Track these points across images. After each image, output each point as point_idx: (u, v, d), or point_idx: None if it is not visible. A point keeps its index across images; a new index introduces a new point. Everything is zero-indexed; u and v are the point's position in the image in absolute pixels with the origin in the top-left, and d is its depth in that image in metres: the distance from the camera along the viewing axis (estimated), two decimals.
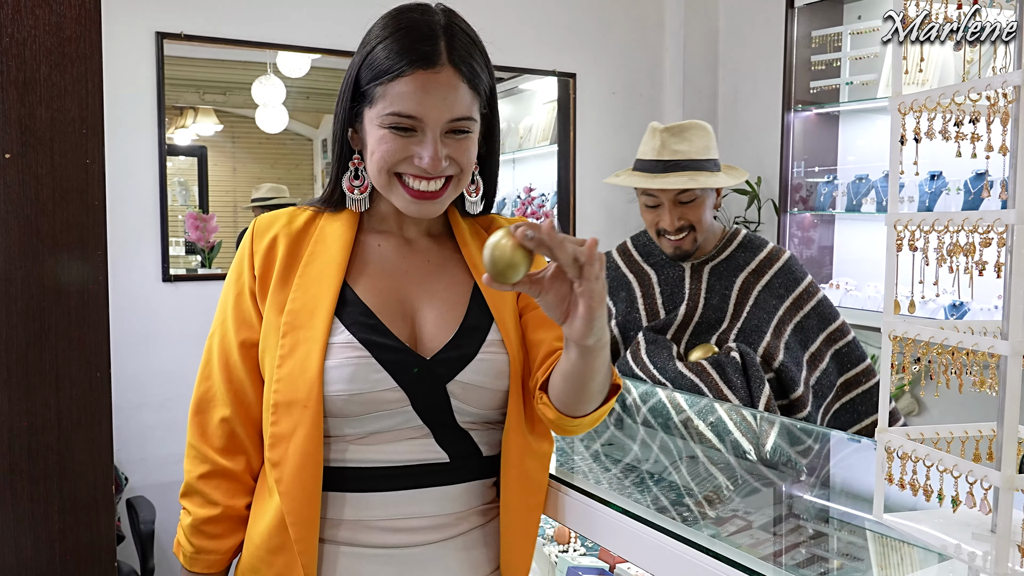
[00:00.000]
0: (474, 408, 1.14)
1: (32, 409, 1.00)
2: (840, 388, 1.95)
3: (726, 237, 2.03)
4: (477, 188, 1.21)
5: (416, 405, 1.11)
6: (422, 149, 1.09)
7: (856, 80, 3.45)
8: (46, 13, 0.94)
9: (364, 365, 1.09)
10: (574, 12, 3.93)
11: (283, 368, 1.11)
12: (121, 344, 2.40)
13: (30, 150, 0.96)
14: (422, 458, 1.13)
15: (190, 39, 3.13)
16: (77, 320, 1.01)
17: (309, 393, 1.08)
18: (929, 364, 0.97)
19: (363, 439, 1.12)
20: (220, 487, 1.17)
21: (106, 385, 1.01)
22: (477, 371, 1.13)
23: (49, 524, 1.00)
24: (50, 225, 0.98)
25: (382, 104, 1.09)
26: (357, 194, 1.19)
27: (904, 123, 0.99)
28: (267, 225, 1.19)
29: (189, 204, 3.45)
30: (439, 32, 1.09)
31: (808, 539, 1.12)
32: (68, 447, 1.01)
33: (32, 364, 0.99)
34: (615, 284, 2.09)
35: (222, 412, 1.17)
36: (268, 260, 1.16)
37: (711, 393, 1.83)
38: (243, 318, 1.17)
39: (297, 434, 1.09)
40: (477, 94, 1.12)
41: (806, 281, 1.97)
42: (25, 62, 0.94)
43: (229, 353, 1.17)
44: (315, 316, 1.11)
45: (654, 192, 1.95)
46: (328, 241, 1.18)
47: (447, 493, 1.15)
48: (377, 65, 1.09)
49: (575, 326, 0.95)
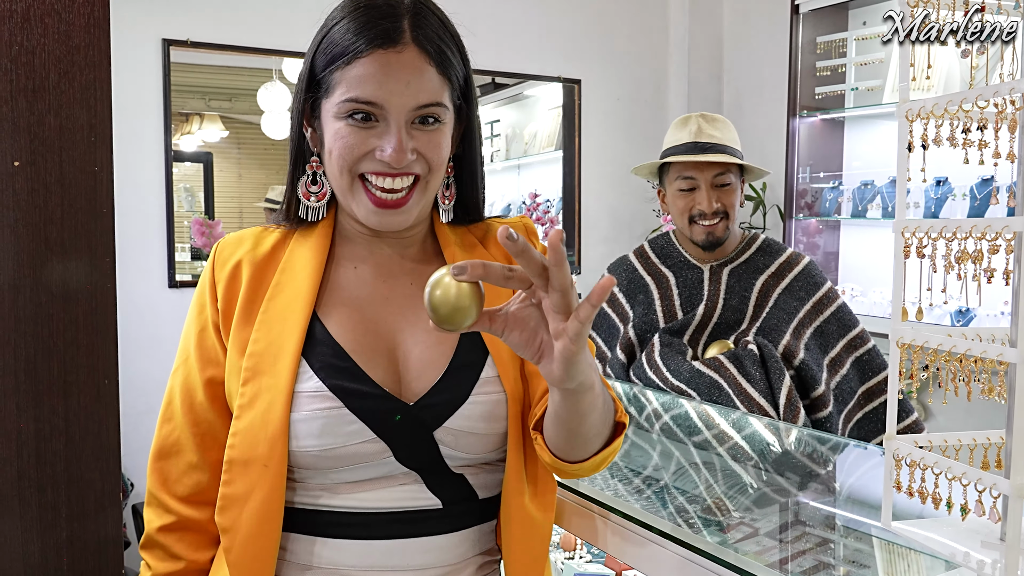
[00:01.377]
0: (466, 454, 0.99)
1: (40, 416, 1.00)
2: (862, 396, 1.94)
3: (745, 240, 2.04)
4: (451, 195, 1.06)
5: (399, 455, 0.96)
6: (384, 141, 0.94)
7: (861, 86, 3.45)
8: (55, 22, 0.95)
9: (335, 417, 0.94)
10: (579, 19, 3.94)
11: (241, 420, 0.96)
12: (127, 350, 2.41)
13: (39, 158, 0.96)
14: (410, 504, 0.98)
15: (196, 46, 3.14)
16: (85, 327, 1.01)
17: (271, 451, 0.94)
18: (937, 371, 0.97)
19: (339, 488, 0.98)
20: (183, 539, 1.04)
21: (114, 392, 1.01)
22: (468, 416, 0.98)
23: (56, 531, 1.01)
24: (58, 232, 0.99)
25: (339, 91, 0.94)
26: (314, 201, 1.04)
27: (912, 130, 0.99)
28: (230, 251, 1.05)
29: (195, 210, 3.46)
30: (403, 10, 0.95)
31: (815, 546, 1.11)
32: (76, 454, 1.02)
33: (40, 371, 0.99)
34: (632, 287, 2.09)
35: (188, 458, 1.04)
36: (231, 291, 1.02)
37: (730, 388, 1.82)
38: (208, 356, 1.03)
39: (253, 498, 0.95)
40: (447, 80, 0.97)
41: (826, 286, 1.98)
42: (34, 70, 0.95)
43: (194, 393, 1.03)
44: (279, 360, 0.96)
45: (691, 174, 1.95)
46: (296, 268, 1.02)
47: (440, 542, 0.99)
48: (332, 48, 0.96)
49: (551, 368, 0.79)
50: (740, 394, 1.81)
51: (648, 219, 4.01)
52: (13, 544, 0.97)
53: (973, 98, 0.90)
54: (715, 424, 1.73)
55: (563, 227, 4.07)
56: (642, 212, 4.02)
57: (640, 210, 4.03)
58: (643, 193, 3.82)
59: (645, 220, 4.04)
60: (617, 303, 2.10)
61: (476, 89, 1.06)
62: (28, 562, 0.97)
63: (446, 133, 0.99)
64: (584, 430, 0.92)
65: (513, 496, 1.00)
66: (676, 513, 1.20)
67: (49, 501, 0.98)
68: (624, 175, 3.92)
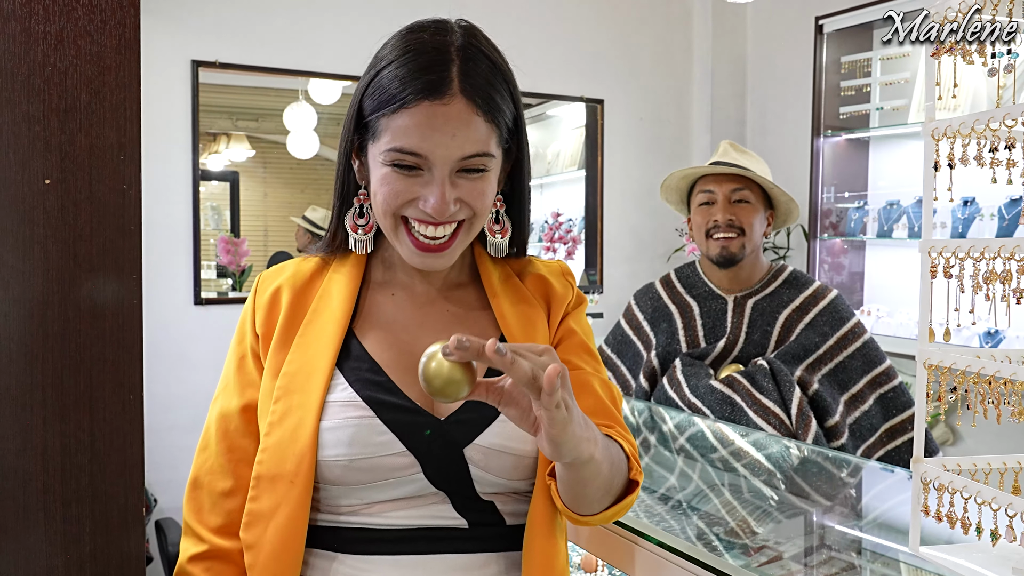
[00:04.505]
0: (496, 477, 0.97)
1: (66, 430, 1.01)
2: (884, 434, 1.92)
3: (772, 272, 2.03)
4: (504, 229, 1.06)
5: (428, 472, 0.95)
6: (428, 191, 0.94)
7: (887, 105, 3.43)
8: (87, 43, 0.97)
9: (366, 426, 0.95)
10: (602, 38, 3.95)
11: (271, 437, 0.97)
12: (153, 366, 2.43)
13: (69, 176, 0.98)
14: (435, 523, 0.97)
15: (224, 67, 3.19)
16: (112, 343, 1.02)
17: (298, 466, 0.94)
18: (966, 393, 0.95)
19: (364, 509, 0.97)
20: (212, 569, 1.02)
21: (139, 407, 1.02)
22: (499, 433, 0.96)
23: (80, 546, 1.01)
24: (87, 249, 1.00)
25: (385, 138, 0.94)
26: (361, 234, 1.04)
27: (938, 149, 0.98)
28: (270, 280, 1.07)
29: (221, 228, 3.50)
30: (452, 56, 0.94)
31: (841, 571, 1.09)
32: (100, 469, 1.02)
33: (67, 386, 1.00)
34: (657, 315, 2.09)
35: (220, 486, 1.02)
36: (271, 316, 1.04)
37: (743, 401, 1.81)
38: (247, 380, 1.04)
39: (279, 514, 0.95)
40: (495, 126, 0.96)
41: (852, 321, 1.96)
42: (66, 90, 0.97)
43: (229, 419, 1.03)
44: (312, 377, 0.98)
45: (710, 187, 1.98)
46: (332, 294, 1.04)
47: (464, 562, 0.97)
48: (380, 93, 0.95)
49: (543, 445, 0.81)
50: (753, 404, 1.80)
51: (670, 239, 4.00)
52: (38, 558, 0.98)
53: (1001, 117, 0.90)
54: (734, 444, 1.71)
55: (585, 246, 4.07)
56: (664, 232, 4.01)
57: (662, 230, 4.02)
58: (665, 213, 3.81)
59: (667, 240, 4.03)
60: (641, 330, 2.10)
61: (526, 128, 1.05)
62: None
63: (491, 179, 0.99)
64: (588, 493, 0.92)
65: (538, 525, 0.98)
66: (700, 536, 1.18)
67: (74, 515, 0.99)
68: (646, 195, 3.92)
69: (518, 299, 1.07)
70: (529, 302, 1.07)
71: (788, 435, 1.78)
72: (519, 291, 1.08)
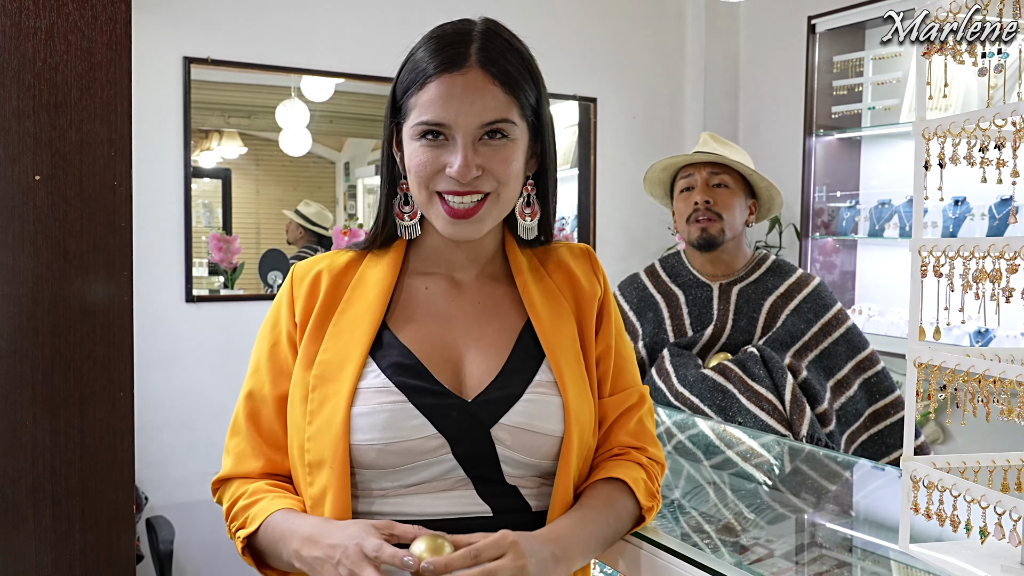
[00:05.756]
0: (523, 456, 1.02)
1: (56, 427, 1.00)
2: (868, 419, 1.93)
3: (755, 260, 2.06)
4: (533, 212, 1.12)
5: (457, 452, 1.00)
6: (452, 157, 1.00)
7: (878, 105, 3.44)
8: (78, 38, 0.96)
9: (400, 411, 1.00)
10: (595, 37, 3.95)
11: (313, 426, 1.02)
12: (143, 364, 2.42)
13: (59, 172, 0.97)
14: (462, 511, 1.01)
15: (216, 64, 3.17)
16: (102, 340, 1.02)
17: (335, 451, 0.99)
18: (955, 392, 0.95)
19: (396, 492, 1.02)
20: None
21: (129, 405, 1.02)
22: (523, 412, 1.02)
23: (70, 543, 1.01)
24: (77, 246, 1.00)
25: (413, 115, 1.03)
26: (408, 220, 1.10)
27: (928, 148, 0.98)
28: (307, 268, 1.12)
29: (213, 226, 3.49)
30: (472, 37, 1.03)
31: (831, 568, 1.10)
32: (91, 466, 1.02)
33: (57, 383, 0.99)
34: (642, 304, 2.10)
35: (251, 466, 1.08)
36: (310, 300, 1.08)
37: (736, 388, 1.82)
38: (280, 368, 1.08)
39: (327, 497, 1.00)
40: (514, 98, 1.03)
41: (835, 307, 1.98)
42: (56, 86, 0.96)
43: (261, 405, 1.08)
44: (345, 366, 1.03)
45: (689, 172, 2.02)
46: (367, 286, 1.09)
47: None
48: (408, 76, 1.04)
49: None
50: (746, 391, 1.81)
51: (663, 237, 4.01)
52: (27, 555, 0.97)
53: (991, 116, 0.90)
54: (727, 441, 1.72)
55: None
56: (657, 230, 4.02)
57: (655, 228, 4.02)
58: (658, 212, 3.81)
59: (660, 238, 4.03)
60: (627, 320, 2.11)
61: (551, 114, 1.12)
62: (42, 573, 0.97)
63: (515, 148, 1.04)
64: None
65: (559, 509, 1.02)
66: (692, 534, 1.18)
67: (63, 513, 0.98)
68: (639, 193, 3.90)
69: (547, 294, 1.12)
70: (557, 299, 1.12)
71: (782, 422, 1.79)
72: (548, 288, 1.13)
